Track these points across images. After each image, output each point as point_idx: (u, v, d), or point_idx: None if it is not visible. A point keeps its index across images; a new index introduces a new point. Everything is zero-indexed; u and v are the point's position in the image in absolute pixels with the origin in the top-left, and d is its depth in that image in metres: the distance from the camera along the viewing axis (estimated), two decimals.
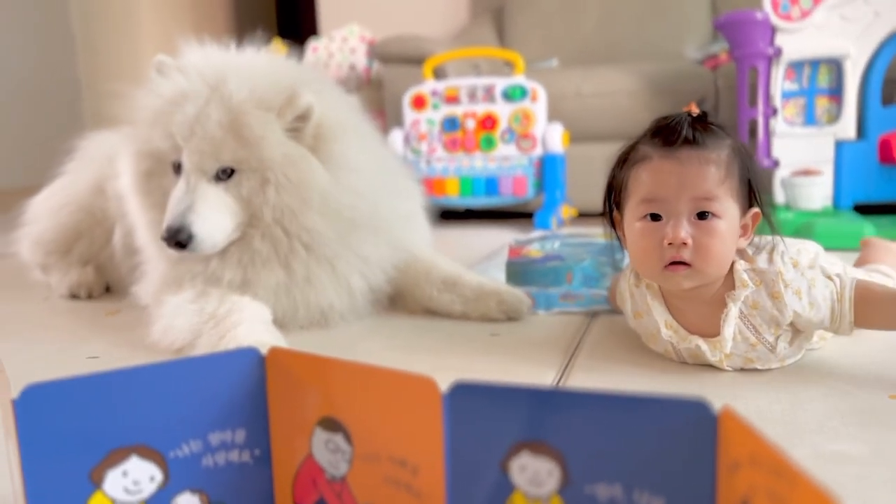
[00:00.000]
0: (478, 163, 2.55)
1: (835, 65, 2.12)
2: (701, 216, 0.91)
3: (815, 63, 2.14)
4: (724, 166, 0.91)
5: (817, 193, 2.09)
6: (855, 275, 1.01)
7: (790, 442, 0.78)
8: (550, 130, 2.49)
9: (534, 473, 0.53)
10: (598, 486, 0.51)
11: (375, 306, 1.39)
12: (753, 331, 0.96)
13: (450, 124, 2.56)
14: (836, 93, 2.13)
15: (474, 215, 2.77)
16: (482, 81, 2.54)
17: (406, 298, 1.40)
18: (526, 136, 2.50)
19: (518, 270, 1.46)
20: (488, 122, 2.52)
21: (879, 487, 0.69)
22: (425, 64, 2.62)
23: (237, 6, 4.39)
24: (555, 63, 3.05)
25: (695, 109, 0.94)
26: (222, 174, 1.21)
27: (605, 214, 1.04)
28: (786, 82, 2.16)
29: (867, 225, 1.84)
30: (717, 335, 0.96)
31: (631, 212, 0.96)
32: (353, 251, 1.30)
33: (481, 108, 2.52)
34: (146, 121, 1.24)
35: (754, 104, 2.17)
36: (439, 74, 2.67)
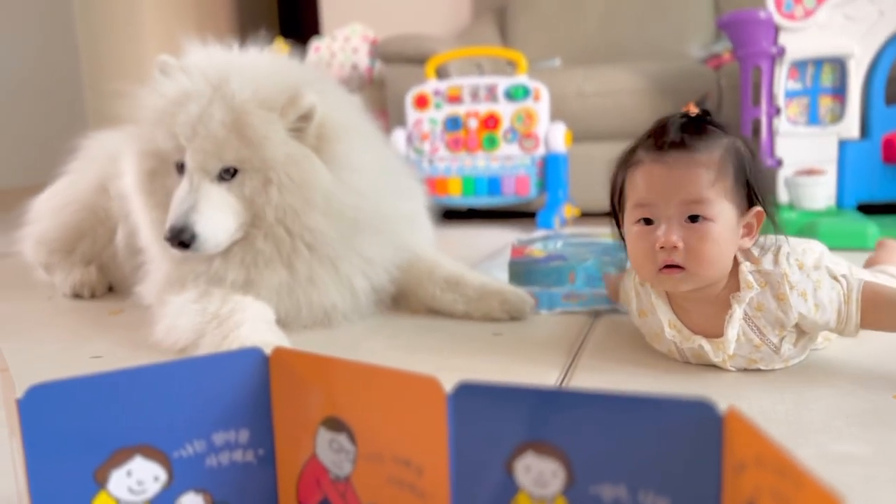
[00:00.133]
0: (480, 162, 2.55)
1: (838, 64, 2.12)
2: (692, 219, 0.90)
3: (819, 62, 2.13)
4: (715, 168, 0.90)
5: (821, 193, 2.09)
6: (861, 276, 1.00)
7: (794, 442, 0.78)
8: (553, 130, 2.48)
9: (538, 474, 0.53)
10: (603, 487, 0.51)
11: (378, 306, 1.39)
12: (758, 332, 0.95)
13: (452, 124, 2.55)
14: (840, 92, 2.13)
15: (477, 215, 2.77)
16: (485, 81, 2.54)
17: (409, 298, 1.40)
18: (528, 136, 2.50)
19: (521, 270, 1.45)
20: (491, 122, 2.52)
21: (884, 487, 0.68)
22: (428, 63, 2.62)
23: (239, 5, 4.39)
24: (557, 62, 3.05)
25: (692, 109, 0.94)
26: (225, 174, 1.21)
27: (612, 215, 1.05)
28: (789, 81, 2.15)
29: (871, 225, 1.84)
30: (721, 336, 0.96)
31: (627, 215, 0.97)
32: (356, 251, 1.30)
33: (484, 108, 2.52)
34: (149, 120, 1.25)
35: (758, 103, 2.17)
36: (442, 74, 2.67)
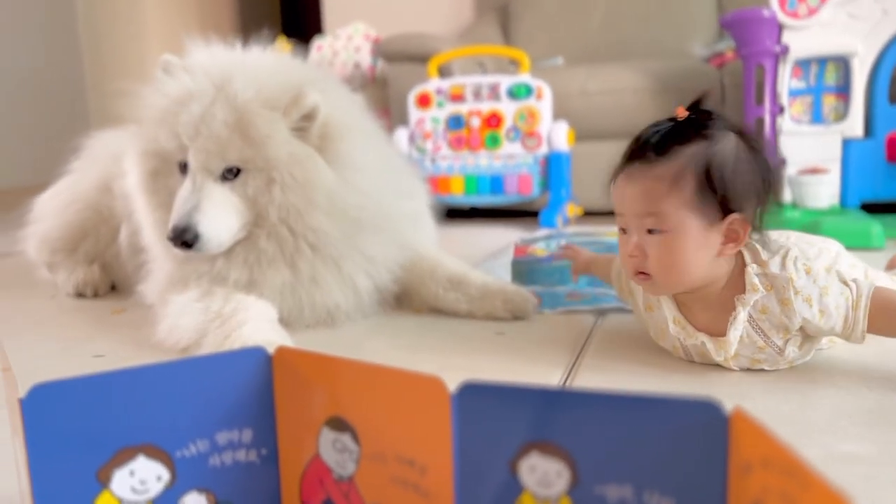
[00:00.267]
0: (483, 161, 2.54)
1: (842, 62, 2.11)
2: (650, 231, 0.93)
3: (823, 61, 2.13)
4: (670, 180, 0.90)
5: (824, 192, 2.08)
6: (876, 279, 0.99)
7: (800, 442, 0.77)
8: (556, 129, 2.48)
9: (543, 474, 0.52)
10: (608, 488, 0.51)
11: (381, 305, 1.38)
12: (762, 334, 0.95)
13: (455, 122, 2.55)
14: (844, 91, 2.12)
15: (479, 214, 2.77)
16: (487, 80, 2.54)
17: (412, 297, 1.40)
18: (531, 135, 2.49)
19: (524, 269, 1.45)
20: (493, 121, 2.52)
21: (889, 487, 0.68)
22: (430, 62, 2.61)
23: (242, 4, 4.40)
24: (560, 61, 3.04)
25: (681, 114, 0.94)
26: (228, 174, 1.21)
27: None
28: (793, 80, 2.15)
29: (874, 223, 1.83)
30: (725, 335, 0.96)
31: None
32: (359, 251, 1.29)
33: (486, 107, 2.52)
34: (152, 120, 1.25)
35: (761, 102, 2.17)
36: (444, 73, 2.67)
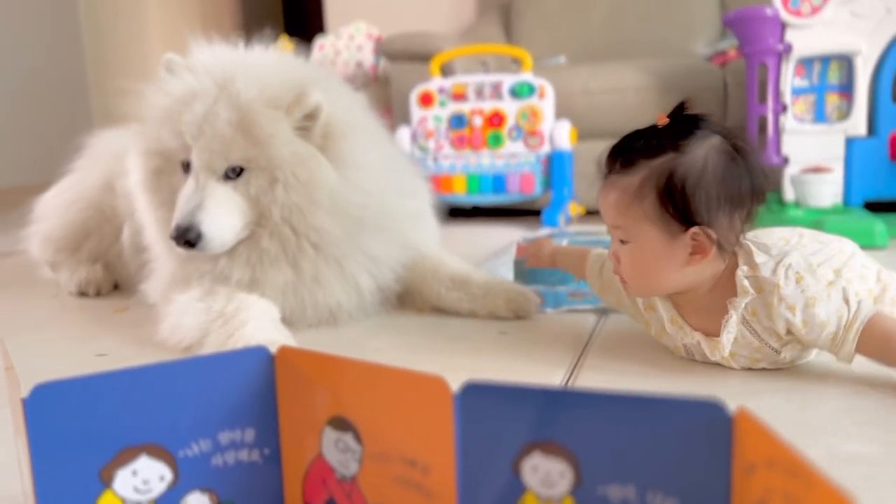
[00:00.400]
0: (485, 160, 2.54)
1: (845, 61, 2.11)
2: (622, 240, 0.96)
3: (826, 59, 2.12)
4: (631, 193, 0.92)
5: (827, 191, 2.07)
6: (891, 281, 0.98)
7: (803, 442, 0.77)
8: (558, 127, 2.48)
9: (546, 474, 0.52)
10: (611, 488, 0.51)
11: (384, 305, 1.38)
12: (756, 336, 0.95)
13: (457, 121, 2.55)
14: (847, 89, 2.12)
15: (482, 213, 2.77)
16: (489, 78, 2.53)
17: (414, 296, 1.40)
18: (533, 133, 2.49)
19: (526, 268, 1.45)
20: (496, 120, 2.51)
21: (892, 487, 0.68)
22: (432, 61, 2.61)
23: (244, 4, 4.40)
24: (562, 60, 3.04)
25: (661, 121, 0.94)
26: (231, 173, 1.21)
27: None
28: (796, 79, 2.14)
29: (878, 222, 1.83)
30: (720, 335, 0.96)
31: None
32: (362, 250, 1.29)
33: (489, 106, 2.52)
34: (155, 119, 1.25)
35: (764, 101, 2.16)
36: (446, 71, 2.66)
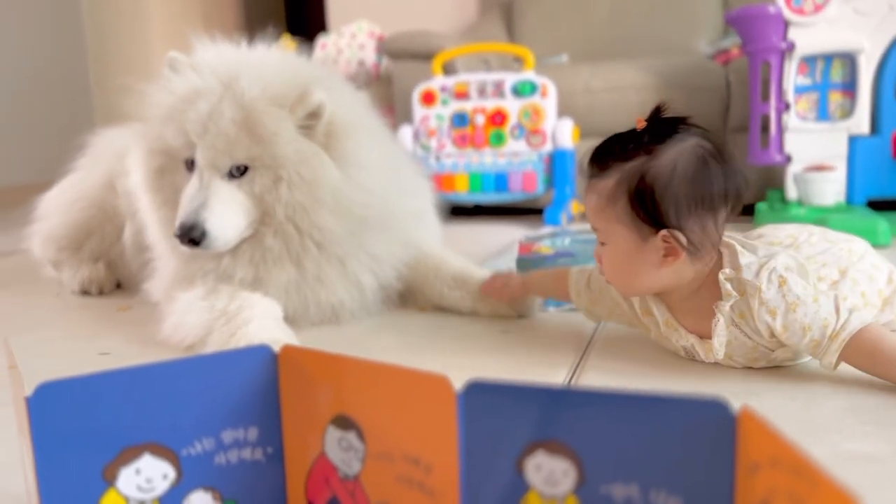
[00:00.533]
0: (487, 158, 2.54)
1: (848, 59, 2.10)
2: (602, 241, 0.99)
3: (829, 57, 2.12)
4: (605, 196, 0.94)
5: (830, 189, 2.07)
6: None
7: (806, 440, 0.77)
8: (560, 126, 2.48)
9: (549, 473, 0.52)
10: (615, 487, 0.51)
11: (386, 303, 1.38)
12: (748, 337, 0.95)
13: (459, 120, 2.55)
14: (850, 87, 2.11)
15: (484, 211, 2.76)
16: (492, 77, 2.53)
17: (416, 295, 1.40)
18: (536, 132, 2.49)
19: (528, 267, 1.45)
20: (498, 118, 2.51)
21: None
22: (434, 60, 2.61)
23: (246, 2, 4.39)
24: (564, 58, 3.04)
25: (640, 124, 0.94)
26: (235, 171, 1.21)
27: None
28: (798, 77, 2.14)
29: (881, 221, 1.82)
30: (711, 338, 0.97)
31: None
32: (364, 249, 1.29)
33: (491, 104, 2.51)
34: (159, 117, 1.24)
35: (767, 99, 2.15)
36: (449, 70, 2.66)
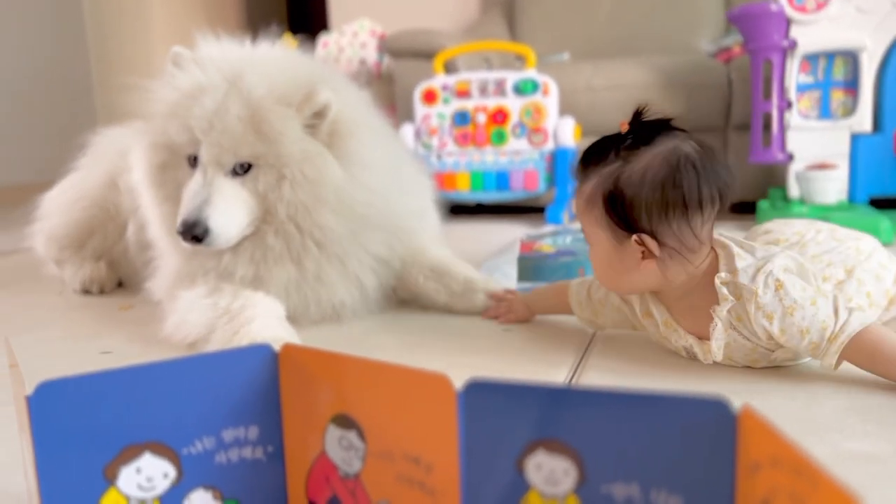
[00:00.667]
0: (489, 157, 2.54)
1: (850, 57, 2.10)
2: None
3: (831, 55, 2.11)
4: (586, 199, 0.97)
5: (832, 187, 2.07)
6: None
7: (807, 440, 0.77)
8: (562, 124, 2.47)
9: (549, 472, 0.52)
10: (615, 486, 0.51)
11: (387, 302, 1.39)
12: (746, 339, 0.95)
13: (461, 118, 2.55)
14: (852, 85, 2.11)
15: (485, 210, 2.76)
16: (493, 75, 2.53)
17: (396, 284, 1.40)
18: (537, 130, 2.49)
19: (530, 266, 1.45)
20: (499, 117, 2.51)
21: None
22: (436, 58, 2.61)
23: (248, 1, 4.39)
24: (566, 57, 3.03)
25: (623, 128, 0.95)
26: (239, 169, 1.21)
27: None
28: (801, 75, 2.13)
29: (883, 219, 1.82)
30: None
31: None
32: (365, 248, 1.29)
33: (492, 103, 2.51)
34: (162, 113, 1.24)
35: (769, 97, 2.15)
36: (450, 69, 2.66)
